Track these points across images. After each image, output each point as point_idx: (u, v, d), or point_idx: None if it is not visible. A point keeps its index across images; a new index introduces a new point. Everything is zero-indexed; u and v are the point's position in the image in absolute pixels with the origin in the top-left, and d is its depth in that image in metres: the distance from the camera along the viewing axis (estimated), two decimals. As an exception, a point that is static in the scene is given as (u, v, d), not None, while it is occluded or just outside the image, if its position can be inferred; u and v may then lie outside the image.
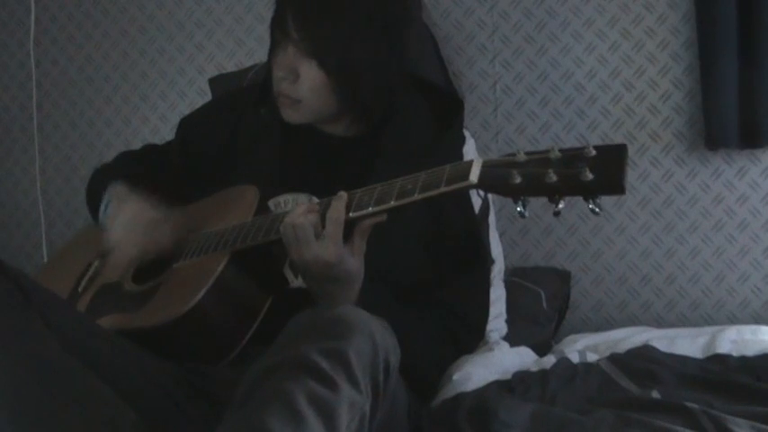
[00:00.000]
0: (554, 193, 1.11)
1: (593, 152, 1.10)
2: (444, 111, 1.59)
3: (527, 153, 1.15)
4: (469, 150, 2.05)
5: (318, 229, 1.29)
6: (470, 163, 1.20)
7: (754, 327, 1.92)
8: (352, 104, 1.51)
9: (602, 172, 1.08)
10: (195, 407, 1.30)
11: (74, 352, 1.18)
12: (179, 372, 1.33)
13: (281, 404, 1.01)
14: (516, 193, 1.14)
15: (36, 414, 1.12)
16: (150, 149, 1.76)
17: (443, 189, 1.20)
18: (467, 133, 1.94)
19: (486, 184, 1.18)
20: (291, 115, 1.53)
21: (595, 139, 2.30)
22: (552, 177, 1.10)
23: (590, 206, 1.10)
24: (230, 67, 2.52)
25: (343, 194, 1.29)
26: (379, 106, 1.53)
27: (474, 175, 1.17)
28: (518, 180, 1.13)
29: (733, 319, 2.21)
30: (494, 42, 2.36)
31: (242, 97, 1.69)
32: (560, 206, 1.12)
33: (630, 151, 2.24)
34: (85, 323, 1.32)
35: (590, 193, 1.09)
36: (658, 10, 2.26)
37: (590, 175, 1.08)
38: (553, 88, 2.33)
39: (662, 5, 2.26)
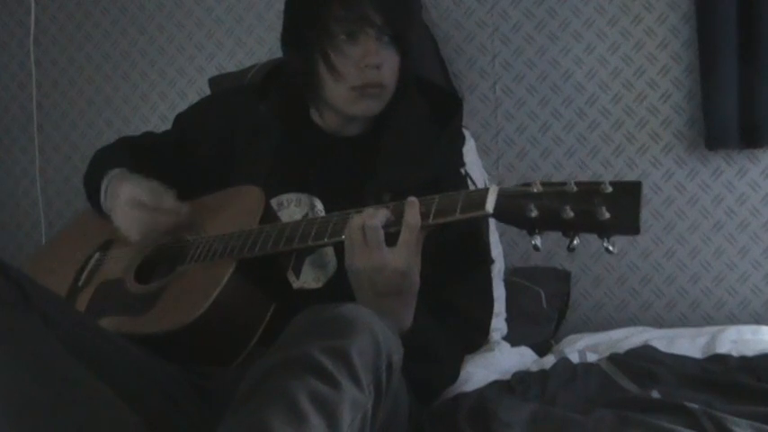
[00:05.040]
0: (570, 229, 1.11)
1: (610, 188, 1.10)
2: (443, 110, 1.59)
3: (543, 184, 1.14)
4: (470, 151, 2.05)
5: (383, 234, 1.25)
6: (486, 191, 1.19)
7: (754, 327, 1.93)
8: (405, 89, 1.53)
9: (618, 211, 1.08)
10: (195, 407, 1.30)
11: (74, 352, 1.18)
12: (179, 372, 1.32)
13: (283, 402, 1.01)
14: (532, 227, 1.14)
15: (36, 415, 1.12)
16: (149, 138, 1.75)
17: (458, 216, 1.20)
18: (467, 134, 1.94)
19: (501, 214, 1.17)
20: (376, 106, 1.52)
21: (595, 139, 2.30)
22: (569, 213, 1.10)
23: (605, 245, 1.10)
24: (230, 67, 2.52)
25: (415, 200, 1.25)
26: None
27: (490, 205, 1.17)
28: (534, 213, 1.12)
29: (733, 319, 2.21)
30: (494, 42, 2.36)
31: (239, 95, 1.67)
32: (575, 243, 1.12)
33: (630, 151, 2.29)
34: (85, 323, 1.31)
35: (606, 232, 1.09)
36: (658, 10, 2.26)
37: (606, 214, 1.08)
38: (553, 88, 2.33)
39: (662, 5, 2.26)
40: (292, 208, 1.51)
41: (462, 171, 1.63)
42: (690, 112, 2.25)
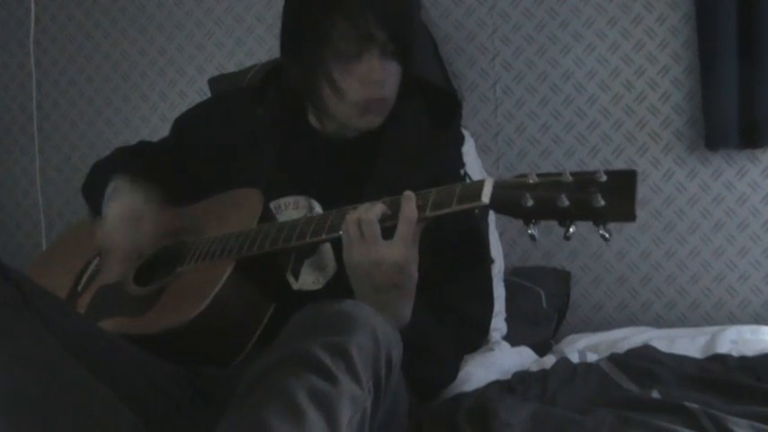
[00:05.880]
0: (565, 218, 1.12)
1: (605, 177, 1.11)
2: (442, 110, 1.59)
3: (539, 175, 1.16)
4: (469, 150, 2.05)
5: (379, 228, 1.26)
6: (482, 182, 1.20)
7: (754, 327, 1.93)
8: (405, 93, 1.53)
9: (613, 198, 1.09)
10: (195, 407, 1.30)
11: (72, 353, 1.18)
12: (178, 372, 1.32)
13: (282, 399, 1.01)
14: (528, 216, 1.15)
15: (34, 415, 1.12)
16: (145, 147, 1.76)
17: (455, 208, 1.21)
18: (466, 133, 1.93)
19: (497, 205, 1.18)
20: (378, 120, 1.50)
21: (595, 139, 2.30)
22: (564, 202, 1.11)
23: (600, 231, 1.11)
24: (230, 67, 2.52)
25: (411, 194, 1.26)
26: None
27: (486, 196, 1.18)
28: (530, 203, 1.13)
29: (733, 319, 2.21)
30: (494, 42, 2.36)
31: (237, 97, 1.67)
32: (571, 230, 1.12)
33: (630, 151, 2.29)
34: (84, 324, 1.32)
35: (601, 219, 1.10)
36: (658, 10, 2.26)
37: (602, 202, 1.09)
38: (553, 88, 2.33)
39: (662, 5, 2.26)
40: (290, 211, 1.51)
41: (462, 172, 1.63)
42: (690, 112, 2.25)
